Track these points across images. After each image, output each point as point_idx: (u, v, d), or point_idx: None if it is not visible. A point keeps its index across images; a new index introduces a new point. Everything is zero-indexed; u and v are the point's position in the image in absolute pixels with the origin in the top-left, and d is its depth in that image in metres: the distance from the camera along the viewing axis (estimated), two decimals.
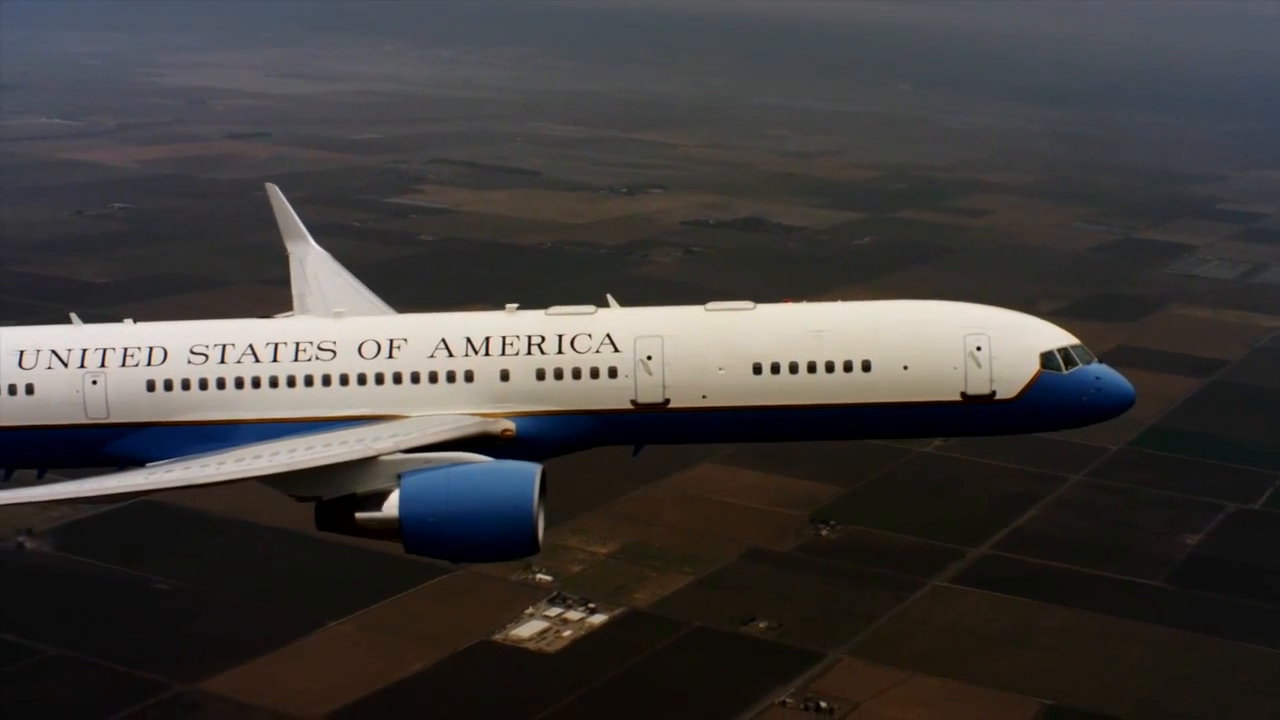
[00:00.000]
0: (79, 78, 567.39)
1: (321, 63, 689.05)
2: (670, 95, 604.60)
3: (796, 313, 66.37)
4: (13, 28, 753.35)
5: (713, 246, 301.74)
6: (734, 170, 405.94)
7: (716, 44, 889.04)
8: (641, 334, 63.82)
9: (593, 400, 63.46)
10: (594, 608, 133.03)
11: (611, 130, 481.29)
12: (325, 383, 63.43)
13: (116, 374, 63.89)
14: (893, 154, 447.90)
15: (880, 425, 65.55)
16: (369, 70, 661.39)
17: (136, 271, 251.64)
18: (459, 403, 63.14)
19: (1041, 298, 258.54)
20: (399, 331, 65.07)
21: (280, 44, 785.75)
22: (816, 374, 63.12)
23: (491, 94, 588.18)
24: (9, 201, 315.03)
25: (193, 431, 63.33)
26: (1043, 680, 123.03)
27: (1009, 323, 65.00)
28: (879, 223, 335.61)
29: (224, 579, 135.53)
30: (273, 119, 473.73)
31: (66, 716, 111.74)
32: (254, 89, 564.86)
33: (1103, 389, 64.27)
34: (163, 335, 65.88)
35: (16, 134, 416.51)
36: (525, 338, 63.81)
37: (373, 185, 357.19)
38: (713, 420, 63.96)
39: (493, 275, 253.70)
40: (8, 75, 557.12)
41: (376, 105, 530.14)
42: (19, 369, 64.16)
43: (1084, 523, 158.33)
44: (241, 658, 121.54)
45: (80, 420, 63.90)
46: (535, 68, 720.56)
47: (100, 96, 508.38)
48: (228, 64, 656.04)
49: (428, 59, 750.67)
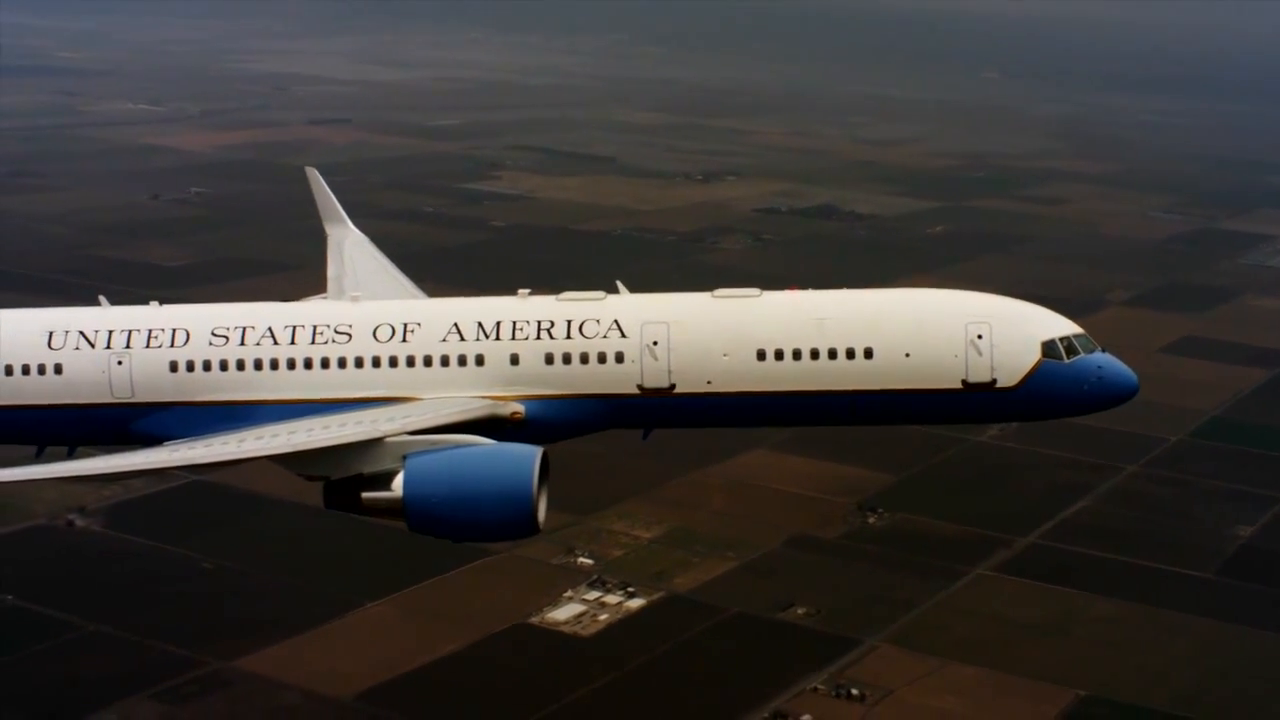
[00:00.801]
0: (168, 64, 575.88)
1: (407, 50, 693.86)
2: (755, 83, 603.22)
3: (801, 300, 66.75)
4: (112, 15, 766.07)
5: (782, 234, 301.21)
6: (811, 158, 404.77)
7: (807, 32, 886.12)
8: (648, 320, 64.48)
9: (600, 385, 64.31)
10: (633, 592, 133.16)
11: (692, 117, 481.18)
12: (341, 365, 64.61)
13: (141, 355, 65.34)
14: (973, 142, 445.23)
15: (882, 412, 65.66)
16: (453, 57, 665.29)
17: (208, 255, 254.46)
18: (470, 386, 64.16)
19: (1111, 287, 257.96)
20: (413, 316, 66.09)
21: (367, 31, 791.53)
22: (819, 361, 63.57)
23: (574, 81, 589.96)
24: (89, 185, 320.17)
25: (214, 411, 64.71)
26: (1081, 671, 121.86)
27: (1011, 312, 65.15)
28: (953, 211, 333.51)
29: (267, 559, 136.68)
30: (354, 105, 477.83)
31: (100, 691, 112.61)
32: (337, 75, 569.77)
33: (1104, 378, 64.34)
34: (186, 317, 67.18)
35: (103, 119, 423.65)
36: (535, 323, 64.69)
37: (448, 171, 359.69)
38: (717, 405, 64.53)
39: (559, 261, 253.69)
40: (101, 62, 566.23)
41: (457, 92, 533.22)
42: (48, 349, 65.70)
43: (1136, 513, 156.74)
44: (277, 637, 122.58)
45: (106, 400, 65.44)
46: (621, 55, 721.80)
47: (187, 83, 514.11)
48: (314, 51, 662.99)
49: (513, 46, 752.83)
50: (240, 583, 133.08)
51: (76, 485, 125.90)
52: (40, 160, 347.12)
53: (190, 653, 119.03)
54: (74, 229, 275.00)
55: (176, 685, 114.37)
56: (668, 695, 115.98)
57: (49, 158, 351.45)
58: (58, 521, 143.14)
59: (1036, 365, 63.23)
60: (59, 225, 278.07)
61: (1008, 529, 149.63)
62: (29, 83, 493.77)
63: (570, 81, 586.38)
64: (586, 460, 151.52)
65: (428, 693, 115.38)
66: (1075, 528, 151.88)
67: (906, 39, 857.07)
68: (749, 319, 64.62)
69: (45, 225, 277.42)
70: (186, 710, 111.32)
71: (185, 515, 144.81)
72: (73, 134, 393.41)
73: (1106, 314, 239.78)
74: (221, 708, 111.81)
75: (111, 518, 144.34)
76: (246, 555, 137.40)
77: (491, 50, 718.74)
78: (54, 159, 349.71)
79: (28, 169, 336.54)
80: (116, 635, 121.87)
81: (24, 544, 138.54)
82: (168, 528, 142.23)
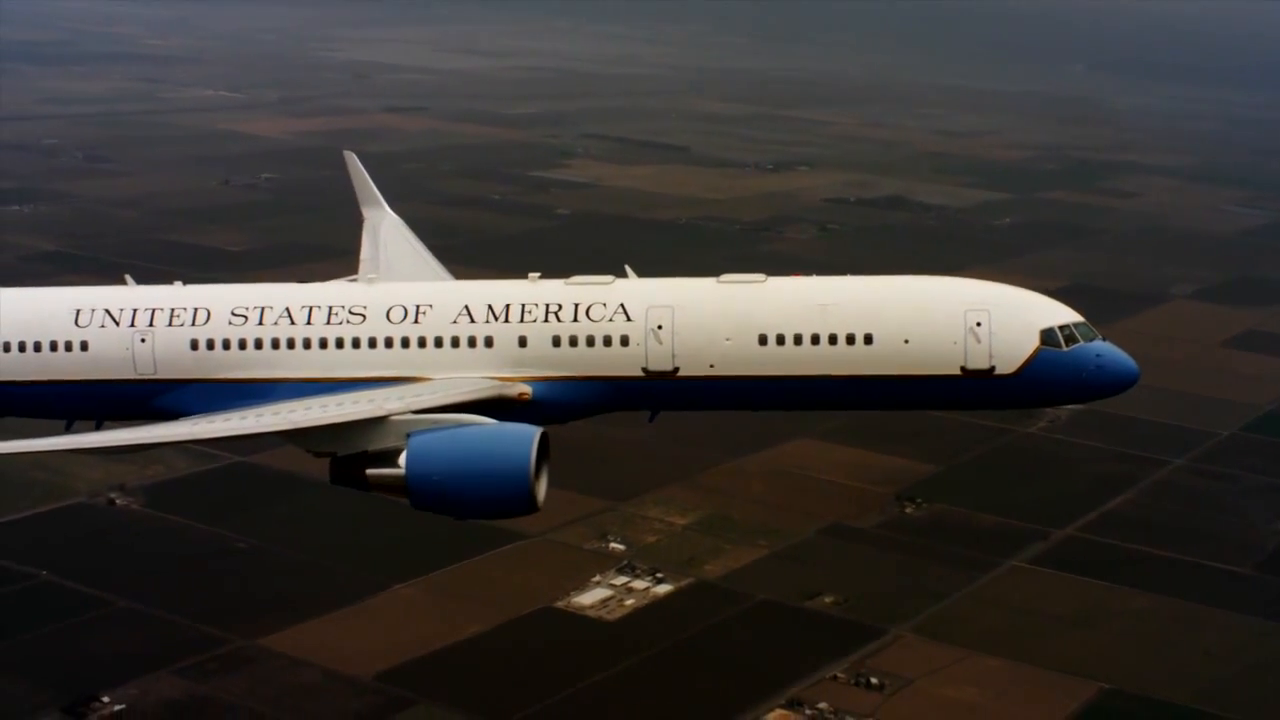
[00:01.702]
0: (253, 52, 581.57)
1: (492, 39, 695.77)
2: (836, 73, 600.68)
3: (805, 286, 66.90)
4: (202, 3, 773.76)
5: (849, 224, 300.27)
6: (886, 148, 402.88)
7: (896, 25, 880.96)
8: (654, 304, 65.08)
9: (605, 367, 64.97)
10: (661, 577, 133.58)
11: (769, 108, 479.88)
12: (355, 345, 65.70)
13: (163, 333, 66.69)
14: (1052, 134, 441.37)
15: (881, 397, 65.84)
16: (538, 46, 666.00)
17: (270, 240, 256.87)
18: (479, 367, 64.97)
19: (1178, 280, 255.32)
20: (425, 298, 67.08)
21: (455, 20, 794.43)
22: (820, 346, 63.82)
23: (656, 70, 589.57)
24: (162, 170, 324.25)
25: (232, 388, 66.02)
26: (1107, 663, 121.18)
27: (1010, 299, 65.20)
28: (1024, 203, 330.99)
29: (301, 539, 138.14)
30: (433, 93, 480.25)
31: (124, 666, 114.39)
32: (420, 64, 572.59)
33: (1103, 366, 64.15)
34: (207, 297, 68.60)
35: (182, 105, 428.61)
36: (544, 305, 65.43)
37: (520, 159, 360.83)
38: (720, 389, 65.08)
39: (620, 249, 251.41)
40: (187, 49, 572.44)
41: (538, 81, 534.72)
42: (75, 327, 67.29)
43: (1179, 507, 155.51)
44: (304, 616, 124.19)
45: (130, 376, 66.89)
46: (705, 45, 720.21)
47: (269, 70, 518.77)
48: (399, 39, 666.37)
49: (600, 35, 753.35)
50: (272, 562, 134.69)
51: (87, 456, 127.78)
52: (116, 146, 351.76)
53: (216, 630, 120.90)
54: (144, 213, 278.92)
55: (200, 662, 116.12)
56: (686, 680, 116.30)
57: (125, 143, 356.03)
58: (98, 499, 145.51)
59: (1035, 353, 63.24)
60: (130, 209, 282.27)
61: (1046, 521, 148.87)
62: (114, 69, 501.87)
63: (651, 71, 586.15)
64: (629, 446, 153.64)
65: (446, 674, 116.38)
66: (1116, 521, 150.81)
67: (995, 32, 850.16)
68: (752, 304, 65.09)
69: (116, 209, 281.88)
70: (208, 686, 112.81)
71: (224, 495, 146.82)
72: (150, 120, 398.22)
73: (1170, 306, 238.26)
74: (241, 684, 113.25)
75: (151, 496, 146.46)
76: (280, 535, 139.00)
77: (576, 40, 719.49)
78: (130, 144, 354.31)
79: (103, 154, 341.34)
80: (145, 612, 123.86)
81: (64, 521, 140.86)
82: (206, 507, 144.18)
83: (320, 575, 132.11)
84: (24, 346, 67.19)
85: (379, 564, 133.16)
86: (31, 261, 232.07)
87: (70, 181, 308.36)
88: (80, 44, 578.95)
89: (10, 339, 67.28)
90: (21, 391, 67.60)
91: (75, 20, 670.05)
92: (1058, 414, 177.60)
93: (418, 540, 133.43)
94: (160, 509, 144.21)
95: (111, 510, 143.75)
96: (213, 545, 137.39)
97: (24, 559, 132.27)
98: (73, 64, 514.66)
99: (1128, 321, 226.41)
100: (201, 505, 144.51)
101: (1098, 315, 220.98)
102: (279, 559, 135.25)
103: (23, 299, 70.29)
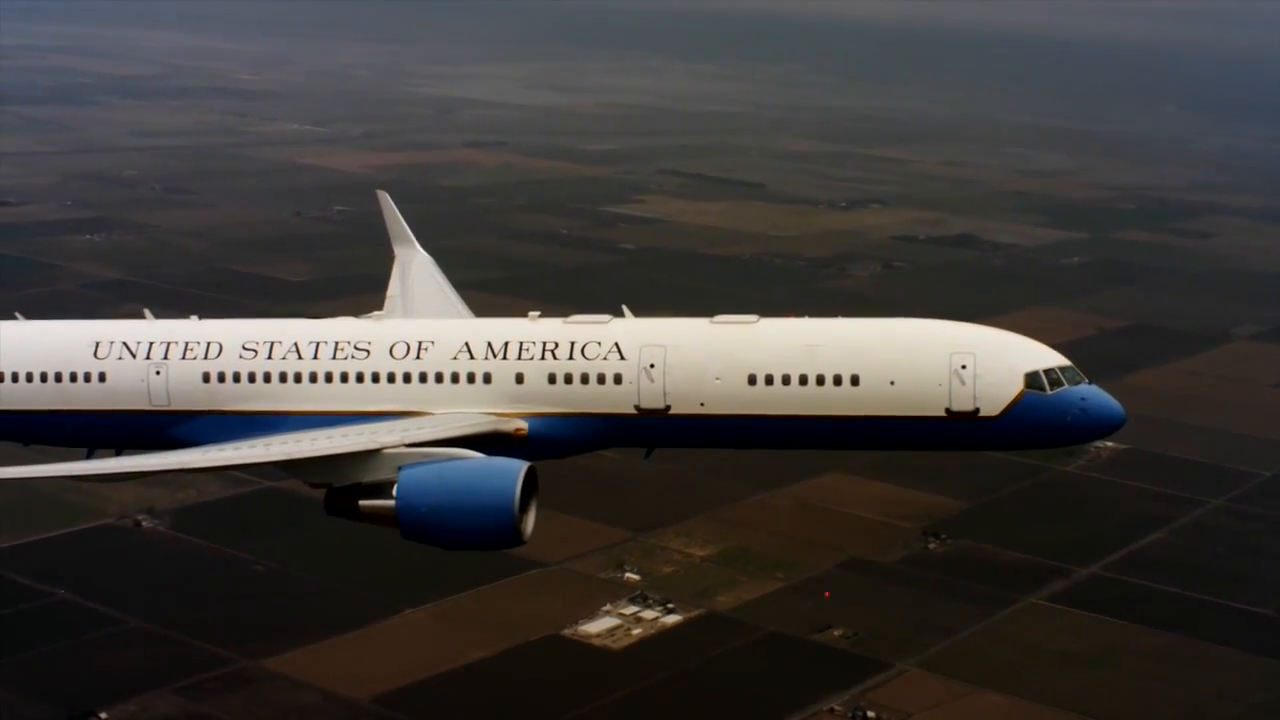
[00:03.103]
0: (344, 87, 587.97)
1: (584, 76, 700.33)
2: (925, 113, 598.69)
3: (795, 327, 68.17)
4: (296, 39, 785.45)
5: (914, 262, 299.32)
6: (963, 187, 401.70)
7: (992, 65, 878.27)
8: (647, 343, 66.48)
9: (599, 404, 66.39)
10: (672, 608, 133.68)
11: (852, 146, 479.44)
12: (359, 380, 67.74)
13: (177, 366, 69.12)
14: (1134, 174, 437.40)
15: (866, 438, 66.82)
16: (628, 84, 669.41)
17: (332, 271, 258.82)
18: (478, 402, 66.73)
19: (1240, 321, 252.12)
20: (428, 334, 68.95)
21: (549, 58, 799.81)
22: (807, 386, 64.86)
23: (744, 108, 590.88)
24: (236, 202, 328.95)
25: (242, 420, 68.15)
26: (1111, 703, 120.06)
27: (996, 343, 65.95)
28: (1096, 243, 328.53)
29: (320, 563, 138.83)
30: (516, 129, 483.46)
31: (126, 684, 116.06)
32: (508, 100, 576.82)
33: (1088, 410, 64.37)
34: (220, 332, 70.95)
35: (265, 139, 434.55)
36: (540, 343, 67.07)
37: (593, 194, 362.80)
38: (710, 427, 66.34)
39: (676, 284, 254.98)
40: (278, 84, 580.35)
41: (623, 118, 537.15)
42: (94, 359, 69.89)
43: (1211, 548, 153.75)
44: (311, 638, 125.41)
45: (145, 406, 69.40)
46: (796, 83, 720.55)
47: (356, 105, 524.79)
48: (491, 76, 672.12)
49: (691, 74, 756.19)
50: (288, 585, 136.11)
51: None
52: (195, 178, 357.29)
53: (222, 651, 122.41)
54: (212, 243, 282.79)
55: (202, 681, 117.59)
56: (681, 710, 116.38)
57: (204, 175, 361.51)
58: (126, 521, 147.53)
59: (1019, 396, 63.63)
60: (198, 239, 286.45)
61: (1072, 559, 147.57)
62: (204, 103, 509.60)
63: (739, 109, 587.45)
64: (660, 479, 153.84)
65: (443, 698, 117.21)
66: (1144, 560, 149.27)
67: (1092, 72, 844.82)
68: (743, 344, 66.30)
69: (184, 239, 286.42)
70: (206, 705, 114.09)
71: (251, 519, 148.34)
72: (233, 153, 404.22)
73: (1228, 348, 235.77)
74: (239, 704, 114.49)
75: (178, 519, 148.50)
76: (300, 559, 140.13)
77: (668, 77, 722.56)
78: (208, 176, 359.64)
79: (181, 185, 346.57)
80: (155, 631, 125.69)
81: (91, 542, 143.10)
82: (230, 531, 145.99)
83: (333, 599, 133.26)
84: (45, 377, 69.88)
85: (393, 589, 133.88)
86: (93, 289, 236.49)
87: (145, 212, 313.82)
88: (175, 79, 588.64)
89: (33, 369, 70.08)
90: (44, 420, 70.44)
91: (173, 56, 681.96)
92: (1098, 452, 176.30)
93: (435, 567, 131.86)
94: (185, 531, 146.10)
95: (137, 532, 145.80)
96: (232, 568, 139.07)
97: (45, 577, 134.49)
98: (167, 98, 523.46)
99: (1184, 362, 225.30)
100: (227, 529, 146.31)
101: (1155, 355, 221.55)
102: (295, 582, 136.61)
103: (45, 331, 73.75)
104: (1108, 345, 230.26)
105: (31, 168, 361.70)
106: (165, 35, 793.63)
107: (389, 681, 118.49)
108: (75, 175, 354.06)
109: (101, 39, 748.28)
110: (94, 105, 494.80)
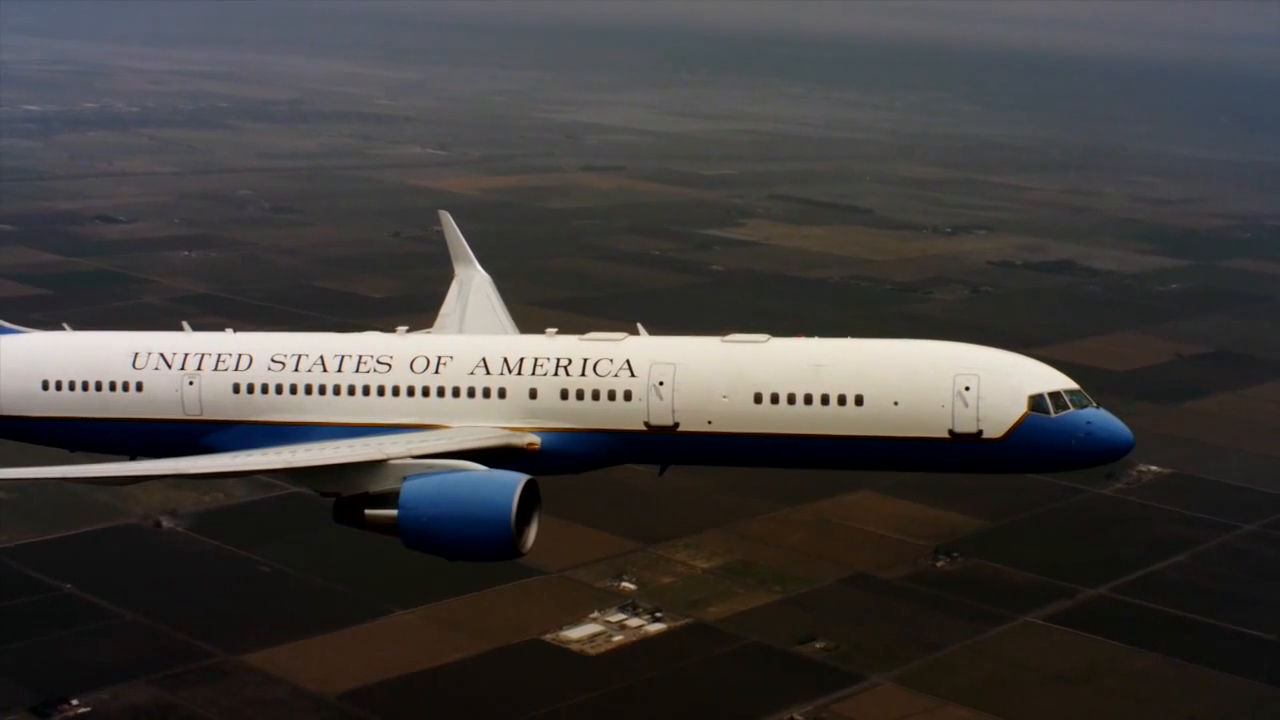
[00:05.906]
0: (475, 112, 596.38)
1: (720, 102, 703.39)
2: (1053, 140, 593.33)
3: (804, 347, 69.74)
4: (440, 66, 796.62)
5: (1005, 286, 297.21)
6: (1076, 215, 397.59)
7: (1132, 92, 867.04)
8: (657, 361, 68.57)
9: (610, 420, 68.62)
10: (659, 617, 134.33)
11: (973, 173, 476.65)
12: (380, 393, 70.80)
13: (210, 376, 72.68)
14: (1259, 204, 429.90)
15: (870, 458, 68.05)
16: (762, 110, 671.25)
17: (415, 289, 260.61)
18: (493, 416, 69.36)
19: None
20: (447, 349, 71.58)
21: (690, 84, 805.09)
22: (812, 406, 66.28)
23: (871, 135, 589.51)
24: (339, 221, 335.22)
25: (269, 430, 71.30)
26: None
27: (1001, 364, 66.72)
28: (1201, 270, 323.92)
29: (326, 565, 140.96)
30: (635, 153, 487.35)
31: (104, 673, 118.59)
32: (635, 125, 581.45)
33: (1093, 433, 64.88)
34: (251, 344, 74.61)
35: (386, 162, 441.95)
36: (555, 360, 69.54)
37: (696, 218, 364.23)
38: (717, 445, 68.15)
39: (757, 306, 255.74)
40: (412, 109, 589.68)
41: (748, 143, 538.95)
42: (132, 369, 73.67)
43: (1230, 572, 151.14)
44: (295, 636, 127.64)
45: (179, 416, 73.02)
46: (931, 111, 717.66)
47: (483, 129, 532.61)
48: (627, 103, 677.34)
49: (830, 101, 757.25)
50: (288, 586, 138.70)
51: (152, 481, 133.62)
52: (305, 198, 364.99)
53: (206, 645, 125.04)
54: (304, 260, 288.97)
55: (178, 673, 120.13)
56: (639, 715, 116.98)
57: (315, 196, 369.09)
58: (147, 522, 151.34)
59: (1023, 418, 64.33)
60: (292, 256, 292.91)
61: (1083, 580, 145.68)
62: (333, 127, 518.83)
63: (867, 136, 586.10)
64: (680, 493, 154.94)
65: (408, 696, 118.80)
66: (1158, 583, 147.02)
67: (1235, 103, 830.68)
68: (751, 363, 67.83)
69: (279, 256, 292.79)
70: (176, 695, 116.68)
71: (268, 523, 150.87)
72: (350, 174, 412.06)
73: None
74: (208, 695, 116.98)
75: (198, 521, 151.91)
76: (306, 561, 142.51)
77: (805, 104, 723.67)
78: (319, 197, 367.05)
79: (290, 205, 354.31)
80: (146, 625, 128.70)
81: (108, 539, 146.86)
82: (246, 534, 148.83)
83: (329, 598, 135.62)
84: (87, 386, 73.62)
85: (389, 591, 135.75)
86: (178, 303, 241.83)
87: (247, 230, 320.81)
88: (311, 103, 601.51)
89: (76, 378, 73.82)
90: (88, 427, 74.18)
91: (312, 80, 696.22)
92: (1139, 475, 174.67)
93: (437, 573, 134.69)
94: (202, 533, 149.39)
95: (156, 532, 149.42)
96: (237, 568, 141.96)
97: (57, 573, 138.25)
98: (298, 122, 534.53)
99: (1254, 389, 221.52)
100: (243, 531, 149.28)
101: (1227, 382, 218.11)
102: (296, 582, 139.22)
103: (88, 342, 77.99)
104: (1181, 371, 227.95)
105: (150, 187, 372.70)
106: (315, 63, 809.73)
107: (360, 679, 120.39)
108: (190, 195, 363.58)
109: (249, 64, 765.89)
110: (225, 129, 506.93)
